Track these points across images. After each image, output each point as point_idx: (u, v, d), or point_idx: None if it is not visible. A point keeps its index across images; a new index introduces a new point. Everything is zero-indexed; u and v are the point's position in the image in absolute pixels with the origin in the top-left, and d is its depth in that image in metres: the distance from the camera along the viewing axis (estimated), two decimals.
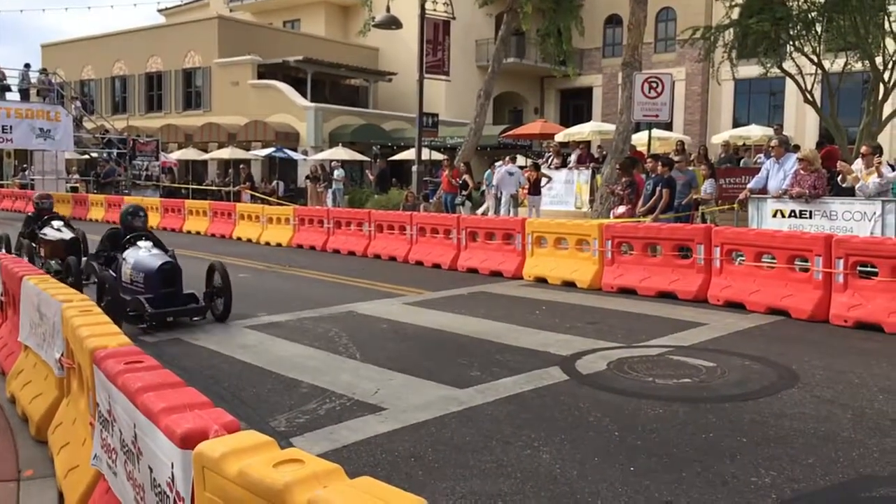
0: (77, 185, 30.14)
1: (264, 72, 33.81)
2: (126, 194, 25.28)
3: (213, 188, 29.17)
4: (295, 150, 31.12)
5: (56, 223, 11.20)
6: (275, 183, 27.76)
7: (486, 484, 3.89)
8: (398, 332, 7.55)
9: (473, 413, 5.02)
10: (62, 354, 4.52)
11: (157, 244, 8.40)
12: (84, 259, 9.97)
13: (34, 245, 10.96)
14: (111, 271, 8.08)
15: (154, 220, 20.91)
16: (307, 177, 25.23)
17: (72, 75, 38.61)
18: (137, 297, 7.55)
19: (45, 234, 10.98)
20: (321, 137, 31.59)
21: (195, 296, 7.94)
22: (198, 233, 19.15)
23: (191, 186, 30.78)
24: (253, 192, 24.59)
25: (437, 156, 25.92)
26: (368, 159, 30.28)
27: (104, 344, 3.67)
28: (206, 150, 33.79)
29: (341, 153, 29.31)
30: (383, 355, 6.59)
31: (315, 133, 31.49)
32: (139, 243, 8.22)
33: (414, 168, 21.66)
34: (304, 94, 32.66)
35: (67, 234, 10.85)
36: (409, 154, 27.24)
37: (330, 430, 4.71)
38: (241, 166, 27.68)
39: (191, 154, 33.76)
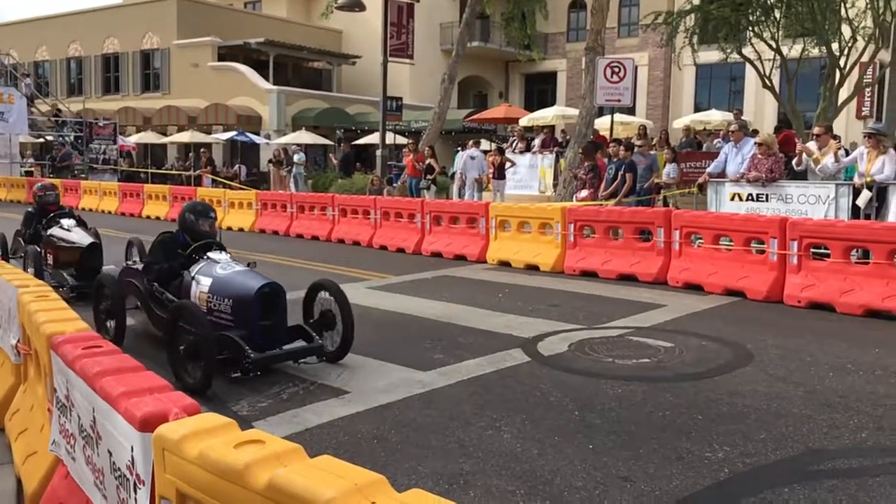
0: (32, 169, 29.42)
1: (225, 54, 33.28)
2: (83, 179, 24.77)
3: (174, 172, 28.74)
4: (257, 133, 30.77)
5: (66, 221, 8.97)
6: (237, 167, 27.39)
7: (449, 463, 3.94)
8: (362, 316, 7.52)
9: (436, 395, 5.06)
10: (18, 340, 4.46)
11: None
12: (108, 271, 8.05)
13: (39, 250, 8.64)
14: (167, 294, 6.10)
15: (112, 205, 20.55)
16: (270, 161, 24.98)
17: (25, 56, 37.62)
18: (228, 335, 5.34)
19: (52, 237, 8.76)
20: (284, 121, 31.26)
21: (303, 328, 5.81)
22: (157, 217, 18.85)
23: (150, 171, 30.28)
24: (214, 177, 24.25)
25: (401, 140, 25.83)
26: (332, 143, 30.05)
27: (61, 329, 3.63)
28: (165, 134, 33.23)
29: (305, 137, 29.05)
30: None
31: (278, 117, 31.14)
32: (213, 255, 6.10)
33: (378, 152, 21.56)
34: (266, 77, 32.25)
35: (84, 237, 8.62)
36: (373, 138, 27.09)
37: (293, 414, 4.72)
38: (202, 150, 27.25)
39: (150, 137, 33.17)
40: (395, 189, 18.63)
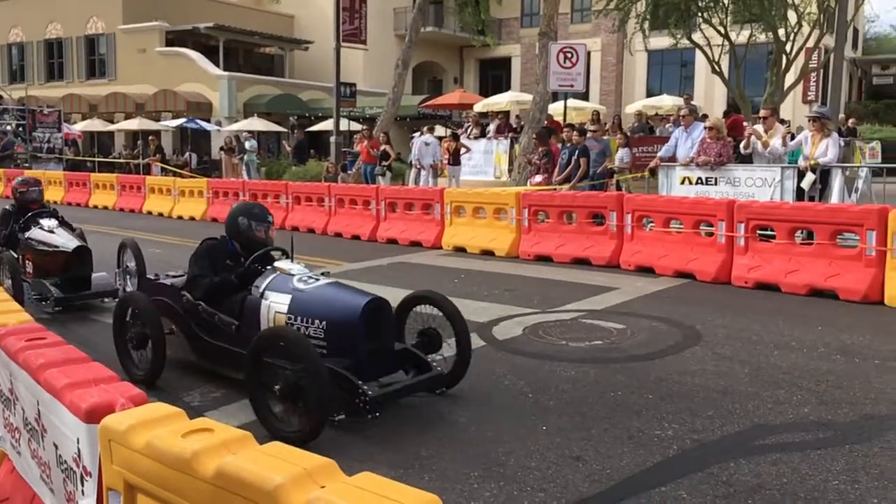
0: None
1: (173, 39, 32.56)
2: (26, 168, 24.06)
3: (121, 161, 28.09)
4: (208, 120, 30.21)
5: (47, 221, 7.63)
6: (187, 155, 26.90)
7: (404, 449, 3.96)
8: None
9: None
10: None
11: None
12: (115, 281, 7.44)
13: (15, 255, 7.47)
14: (220, 316, 4.96)
15: (57, 194, 20.01)
16: (221, 148, 24.56)
17: None
18: (332, 368, 4.14)
19: (31, 240, 7.47)
20: (235, 108, 30.75)
21: (411, 352, 4.72)
22: (105, 207, 18.44)
23: (97, 159, 29.56)
24: (164, 165, 23.79)
25: (356, 126, 25.64)
26: (285, 130, 29.69)
27: (3, 322, 3.54)
28: (112, 121, 32.41)
29: (257, 124, 28.64)
30: None
31: (229, 103, 30.61)
32: (283, 266, 4.95)
33: (332, 139, 21.38)
34: (216, 63, 31.65)
35: (69, 240, 7.41)
36: (327, 125, 26.82)
37: (245, 403, 4.64)
38: (151, 138, 26.67)
39: (96, 125, 32.33)
40: (349, 176, 18.51)
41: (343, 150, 20.62)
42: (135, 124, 29.94)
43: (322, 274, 5.00)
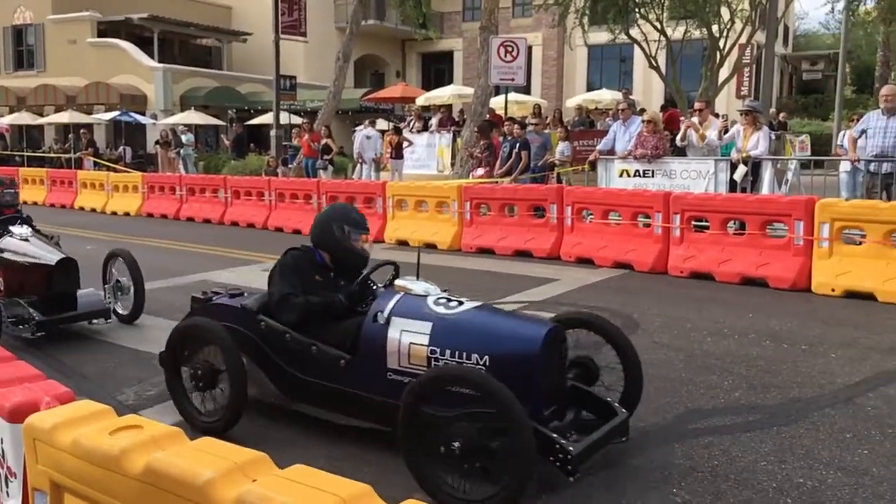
0: None
1: (105, 29, 31.55)
2: None
3: (52, 155, 27.14)
4: (143, 113, 29.41)
5: (19, 229, 6.44)
6: (121, 149, 26.18)
7: (345, 443, 3.93)
8: None
9: None
10: None
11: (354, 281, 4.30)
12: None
13: None
14: (325, 349, 3.97)
15: None
16: (157, 142, 23.96)
17: None
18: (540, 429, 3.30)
19: (3, 252, 6.24)
20: (171, 100, 30.00)
21: (580, 389, 3.83)
22: (34, 203, 17.79)
23: (25, 154, 28.48)
24: (96, 159, 23.09)
25: (296, 120, 25.32)
26: (224, 123, 29.13)
27: None
28: (41, 115, 31.23)
29: (194, 117, 28.00)
30: None
31: (164, 96, 29.85)
32: (406, 284, 3.98)
33: (272, 132, 21.07)
34: (150, 55, 30.81)
35: (50, 252, 6.21)
36: (267, 118, 26.39)
37: None
38: (83, 131, 25.84)
39: (24, 118, 31.10)
40: (290, 170, 18.28)
41: (284, 144, 20.34)
42: (65, 117, 28.92)
43: (445, 291, 4.01)
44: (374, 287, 4.20)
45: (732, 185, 9.92)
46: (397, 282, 4.02)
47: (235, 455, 1.88)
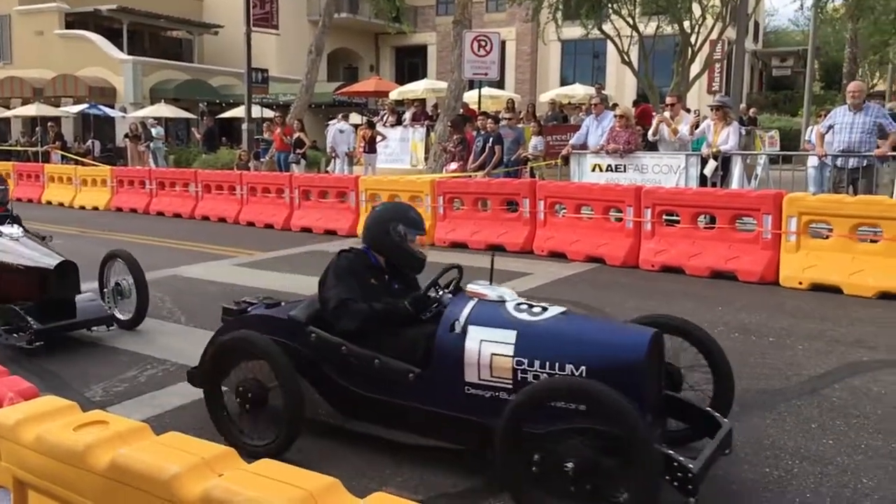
0: None
1: (73, 21, 31.02)
2: None
3: (18, 149, 26.63)
4: (112, 106, 28.96)
5: (8, 229, 5.99)
6: (90, 142, 25.73)
7: (315, 438, 3.91)
8: (227, 294, 7.31)
9: None
10: None
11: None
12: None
13: None
14: (385, 361, 3.65)
15: None
16: (126, 135, 23.62)
17: None
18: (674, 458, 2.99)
19: None
20: (141, 93, 29.60)
21: (675, 398, 3.59)
22: None
23: None
24: (64, 153, 22.70)
25: (269, 113, 25.12)
26: (195, 117, 28.77)
27: None
28: (8, 107, 30.64)
29: (164, 110, 27.66)
30: (210, 318, 6.35)
31: (134, 89, 29.44)
32: (479, 289, 3.70)
33: (244, 126, 20.87)
34: (119, 47, 30.36)
35: (46, 254, 5.77)
36: (238, 111, 26.16)
37: (151, 397, 4.55)
38: (50, 124, 25.36)
39: None
40: (262, 164, 18.13)
41: (256, 138, 20.15)
42: (32, 110, 28.41)
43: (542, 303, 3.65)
44: (440, 293, 3.83)
45: (703, 180, 10.01)
46: (470, 286, 3.69)
47: (202, 450, 1.86)
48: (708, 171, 9.98)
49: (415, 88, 25.33)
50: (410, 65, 37.83)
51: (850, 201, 7.51)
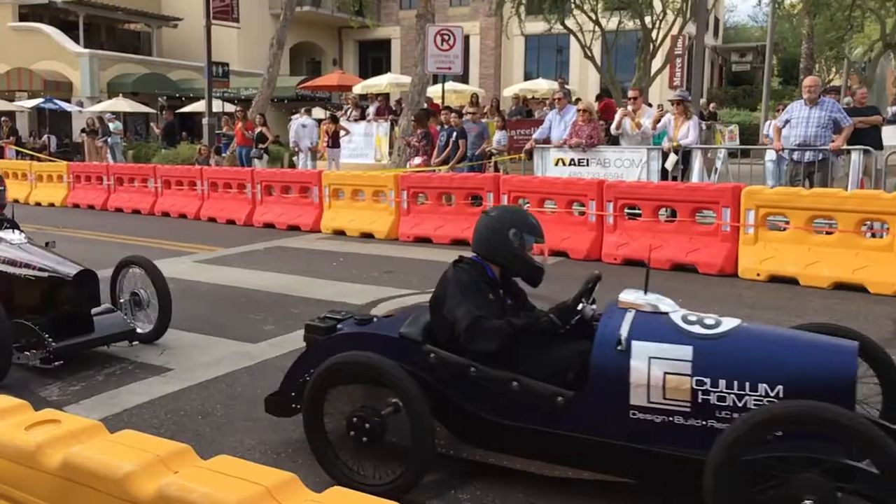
0: None
1: (27, 13, 30.28)
2: None
3: None
4: (68, 101, 28.36)
5: (10, 234, 5.44)
6: (45, 137, 25.21)
7: (277, 434, 3.89)
8: (187, 291, 7.22)
9: (266, 367, 4.96)
10: None
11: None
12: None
13: None
14: (532, 385, 3.22)
15: None
16: (83, 130, 23.16)
17: None
18: None
19: None
20: (98, 87, 29.01)
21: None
22: None
23: None
24: (19, 148, 22.17)
25: (230, 108, 24.80)
26: (154, 111, 28.32)
27: None
28: None
29: (123, 104, 27.18)
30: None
31: (91, 82, 28.83)
32: (633, 298, 3.35)
33: (204, 121, 20.59)
34: (76, 40, 29.71)
35: (60, 263, 5.13)
36: (199, 106, 25.78)
37: (109, 396, 4.47)
38: (4, 119, 24.71)
39: None
40: (224, 159, 17.91)
41: (217, 133, 19.89)
42: None
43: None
44: (583, 305, 3.43)
45: (664, 174, 10.14)
46: (622, 296, 3.31)
47: (158, 448, 1.83)
48: (669, 165, 10.11)
49: (378, 83, 25.21)
50: (374, 59, 37.65)
51: (805, 194, 7.66)
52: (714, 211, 8.07)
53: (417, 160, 13.08)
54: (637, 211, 8.70)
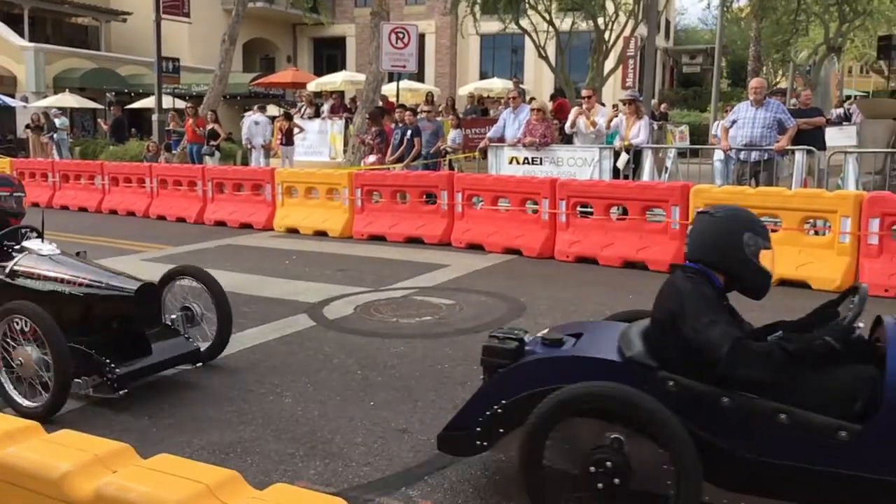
0: None
1: None
2: None
3: None
4: (12, 96, 27.50)
5: (38, 244, 4.83)
6: None
7: (226, 433, 3.84)
8: None
9: (214, 367, 4.88)
10: None
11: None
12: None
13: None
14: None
15: None
16: (28, 126, 22.49)
17: None
18: None
19: (24, 275, 4.61)
20: (44, 82, 28.20)
21: None
22: None
23: None
24: None
25: (181, 104, 24.35)
26: (102, 107, 27.65)
27: None
28: None
29: (69, 100, 26.45)
30: None
31: (36, 77, 28.01)
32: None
33: (154, 117, 20.19)
34: (20, 33, 28.84)
35: (113, 277, 4.54)
36: (149, 102, 25.26)
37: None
38: None
39: None
40: (174, 156, 17.57)
41: (167, 129, 19.50)
42: None
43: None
44: (859, 326, 2.89)
45: (616, 173, 10.27)
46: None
47: (96, 447, 1.79)
48: (620, 163, 10.24)
49: (333, 80, 25.03)
50: (329, 56, 37.36)
51: (751, 193, 7.83)
52: (664, 209, 8.20)
53: (372, 158, 13.02)
54: (589, 209, 8.80)
